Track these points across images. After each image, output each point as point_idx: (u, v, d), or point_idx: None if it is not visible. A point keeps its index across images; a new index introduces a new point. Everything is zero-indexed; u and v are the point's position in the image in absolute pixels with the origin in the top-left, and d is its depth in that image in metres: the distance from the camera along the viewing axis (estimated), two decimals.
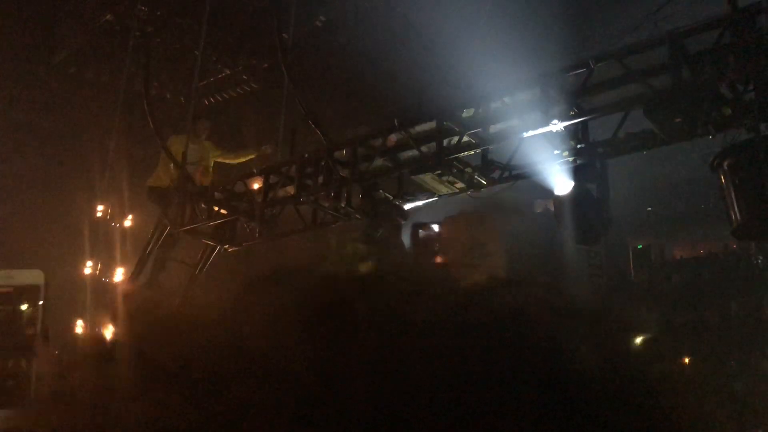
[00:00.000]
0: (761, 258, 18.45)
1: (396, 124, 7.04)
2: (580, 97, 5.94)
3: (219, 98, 11.53)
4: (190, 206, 8.27)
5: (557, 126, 5.95)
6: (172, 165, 8.46)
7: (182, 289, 8.87)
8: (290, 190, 7.65)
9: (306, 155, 7.64)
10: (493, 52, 6.29)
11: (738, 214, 5.43)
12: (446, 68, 7.20)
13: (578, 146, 6.00)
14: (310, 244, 8.74)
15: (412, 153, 7.02)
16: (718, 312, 18.56)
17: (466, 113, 6.72)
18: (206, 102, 11.40)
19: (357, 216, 7.20)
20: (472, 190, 6.97)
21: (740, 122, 5.31)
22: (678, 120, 5.40)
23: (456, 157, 6.76)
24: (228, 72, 11.15)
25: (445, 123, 6.78)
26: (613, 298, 19.92)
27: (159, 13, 10.09)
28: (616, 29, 6.16)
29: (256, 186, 8.09)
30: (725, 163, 5.43)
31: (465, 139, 6.76)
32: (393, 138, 7.19)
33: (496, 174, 6.95)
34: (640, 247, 20.75)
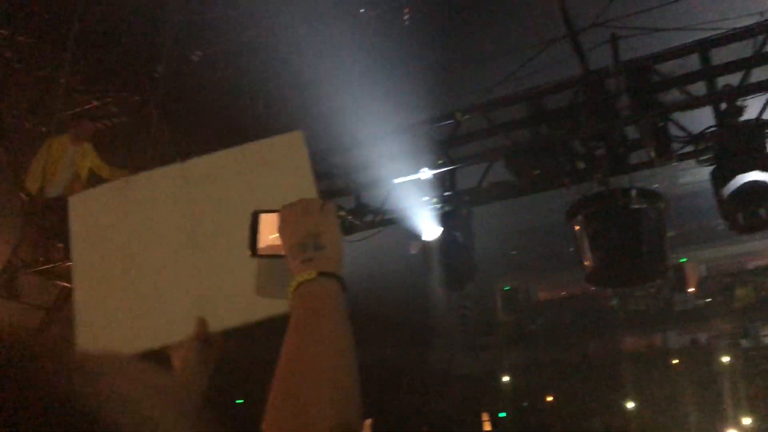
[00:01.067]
0: (616, 301, 19.78)
1: None
2: (448, 147, 6.17)
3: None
4: (44, 243, 7.72)
5: (426, 174, 6.14)
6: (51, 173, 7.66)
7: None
8: None
9: None
10: (369, 99, 6.42)
11: (590, 262, 5.80)
12: (324, 112, 7.25)
13: (446, 194, 6.20)
14: None
15: None
16: (579, 351, 19.63)
17: (341, 158, 6.80)
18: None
19: None
20: (345, 233, 6.99)
21: (592, 176, 5.69)
22: (536, 172, 5.72)
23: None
24: (96, 103, 10.64)
25: (320, 166, 6.81)
26: (483, 338, 20.57)
27: (21, 37, 9.51)
28: (483, 84, 6.48)
29: None
30: (579, 214, 5.80)
31: (339, 183, 6.82)
32: None
33: (369, 218, 7.03)
34: (507, 289, 21.68)
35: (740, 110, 5.21)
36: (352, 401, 0.99)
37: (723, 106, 5.24)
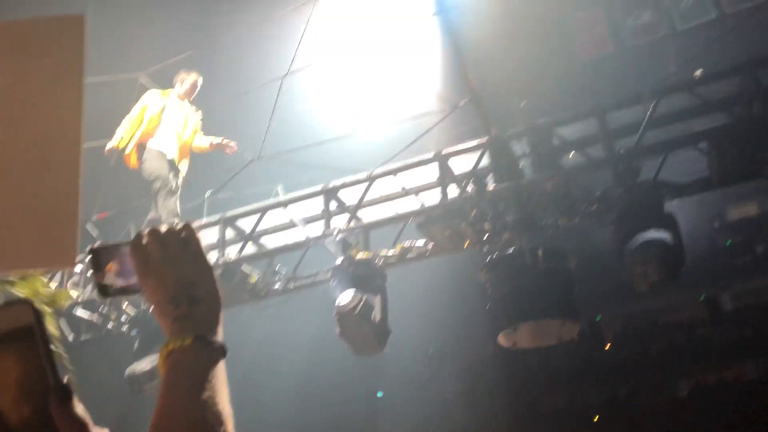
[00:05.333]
0: (537, 357, 19.99)
1: None
2: (360, 209, 6.16)
3: None
4: None
5: (339, 236, 6.08)
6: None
7: None
8: None
9: None
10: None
11: (503, 321, 5.82)
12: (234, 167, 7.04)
13: (359, 257, 6.12)
14: None
15: None
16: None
17: (252, 221, 6.65)
18: None
19: None
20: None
21: (500, 237, 5.77)
22: (447, 233, 5.75)
23: (239, 267, 6.57)
24: None
25: (228, 230, 6.66)
26: None
27: None
28: (395, 147, 6.54)
29: None
30: (490, 274, 5.84)
31: (249, 247, 6.65)
32: None
33: (280, 285, 6.80)
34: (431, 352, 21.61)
35: (637, 171, 5.44)
36: None
37: (620, 167, 5.45)
